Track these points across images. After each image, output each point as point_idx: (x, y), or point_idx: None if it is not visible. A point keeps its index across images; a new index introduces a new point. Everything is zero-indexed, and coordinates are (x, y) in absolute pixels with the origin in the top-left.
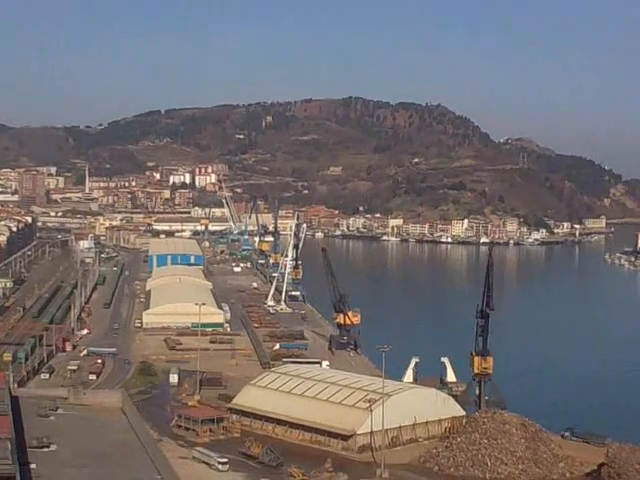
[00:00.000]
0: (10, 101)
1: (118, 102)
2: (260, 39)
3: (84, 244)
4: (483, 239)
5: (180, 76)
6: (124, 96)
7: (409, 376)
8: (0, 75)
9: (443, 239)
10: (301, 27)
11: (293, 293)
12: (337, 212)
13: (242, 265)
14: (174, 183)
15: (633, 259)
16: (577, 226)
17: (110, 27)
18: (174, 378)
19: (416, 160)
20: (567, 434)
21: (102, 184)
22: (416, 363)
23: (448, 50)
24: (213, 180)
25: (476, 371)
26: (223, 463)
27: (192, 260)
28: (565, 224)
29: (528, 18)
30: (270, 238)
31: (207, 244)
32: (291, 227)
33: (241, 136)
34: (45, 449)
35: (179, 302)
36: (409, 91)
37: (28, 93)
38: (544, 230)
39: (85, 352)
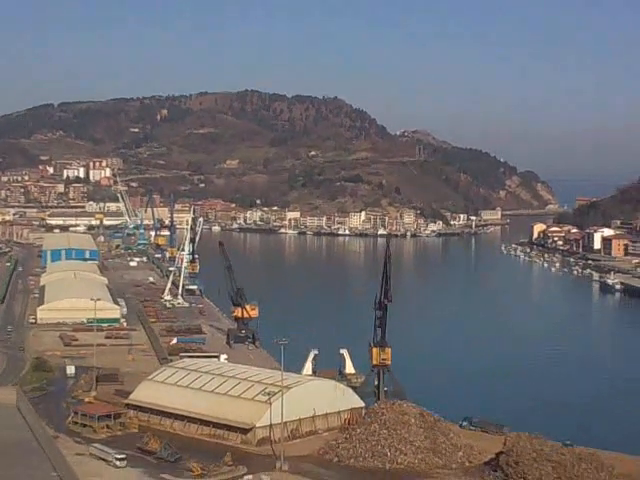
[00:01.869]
0: None
1: (10, 95)
2: (154, 33)
3: None
4: (380, 231)
5: (74, 69)
6: (16, 89)
7: (308, 368)
8: None
9: (341, 231)
10: (196, 22)
11: (190, 287)
12: (234, 205)
13: (138, 259)
14: (68, 177)
15: (528, 250)
16: (473, 218)
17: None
18: (71, 369)
19: (313, 153)
20: (465, 423)
21: None
22: (315, 355)
23: (345, 42)
24: (108, 174)
25: (375, 362)
26: (121, 459)
27: (87, 255)
28: (461, 216)
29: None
30: (166, 232)
31: (102, 239)
32: (187, 221)
33: (136, 130)
34: None
35: (74, 297)
36: (305, 84)
37: None
38: (441, 222)
39: None
